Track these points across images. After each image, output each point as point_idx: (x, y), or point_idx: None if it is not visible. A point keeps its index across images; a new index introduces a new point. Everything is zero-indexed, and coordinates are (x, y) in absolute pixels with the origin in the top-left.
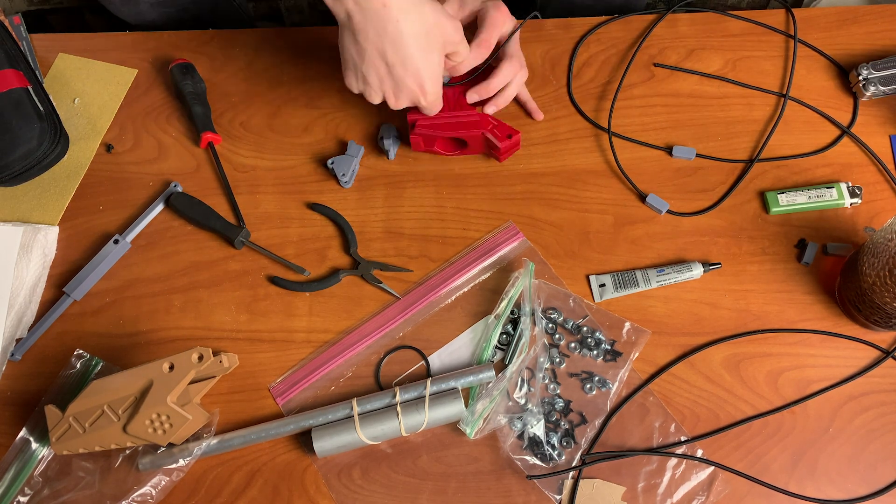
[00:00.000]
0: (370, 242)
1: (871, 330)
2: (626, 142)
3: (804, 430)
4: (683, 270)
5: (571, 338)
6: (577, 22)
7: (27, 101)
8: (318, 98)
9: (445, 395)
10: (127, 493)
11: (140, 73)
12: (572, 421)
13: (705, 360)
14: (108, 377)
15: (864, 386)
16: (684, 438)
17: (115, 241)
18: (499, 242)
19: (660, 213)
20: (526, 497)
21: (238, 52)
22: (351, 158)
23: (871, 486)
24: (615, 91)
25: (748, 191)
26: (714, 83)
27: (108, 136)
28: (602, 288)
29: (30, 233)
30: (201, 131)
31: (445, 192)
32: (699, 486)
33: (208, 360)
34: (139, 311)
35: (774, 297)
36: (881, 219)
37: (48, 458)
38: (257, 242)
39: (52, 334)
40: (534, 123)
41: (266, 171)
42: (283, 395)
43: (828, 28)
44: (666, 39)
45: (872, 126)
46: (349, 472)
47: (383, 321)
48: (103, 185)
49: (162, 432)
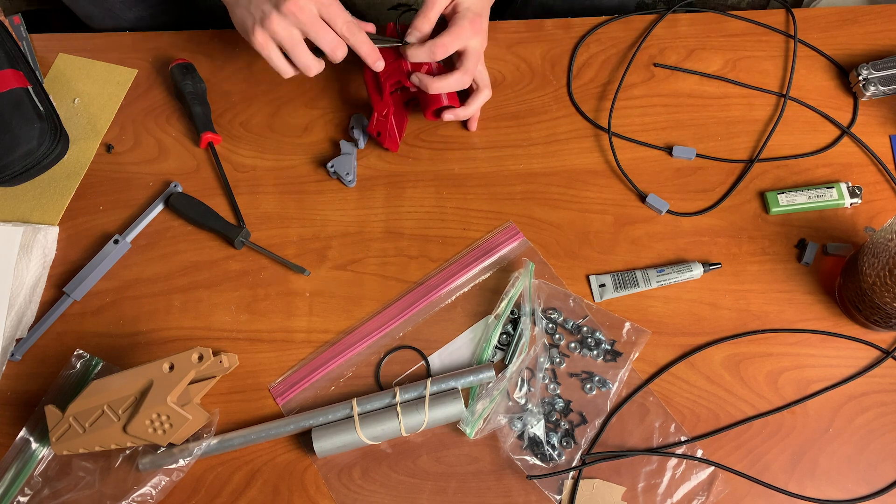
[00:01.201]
0: (370, 242)
1: (871, 330)
2: (626, 142)
3: (804, 430)
4: (683, 270)
5: (571, 338)
6: (577, 22)
7: (27, 101)
8: (318, 98)
9: (445, 395)
10: (127, 493)
11: (140, 73)
12: (572, 421)
13: (705, 360)
14: (108, 377)
15: (864, 386)
16: (684, 438)
17: (115, 241)
18: (499, 242)
19: (660, 213)
20: (526, 497)
21: (238, 52)
22: (348, 156)
23: (872, 486)
24: (615, 91)
25: (748, 191)
26: (714, 83)
27: (108, 136)
28: (602, 288)
29: (30, 233)
30: (201, 131)
31: (445, 192)
32: (699, 486)
33: (208, 360)
34: (139, 311)
35: (774, 297)
36: (881, 219)
37: (48, 458)
38: (257, 242)
39: (52, 334)
40: (534, 124)
41: (266, 171)
42: (283, 396)
43: (828, 28)
44: (666, 39)
45: (872, 126)
46: (349, 472)
47: (383, 321)
48: (103, 185)
49: (162, 432)
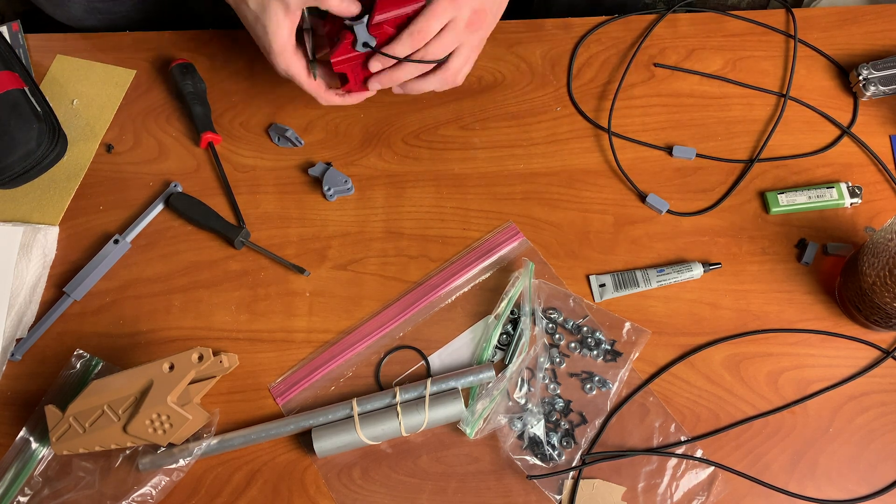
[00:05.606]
0: (370, 242)
1: (871, 330)
2: (626, 142)
3: (804, 430)
4: (683, 270)
5: (571, 338)
6: (577, 22)
7: (24, 102)
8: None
9: (445, 395)
10: (127, 493)
11: (140, 74)
12: (572, 421)
13: (705, 360)
14: (108, 377)
15: (864, 386)
16: (684, 438)
17: (115, 241)
18: (499, 242)
19: (660, 213)
20: (526, 497)
21: (238, 52)
22: (335, 172)
23: (872, 486)
24: (615, 91)
25: (748, 191)
26: (714, 83)
27: (107, 137)
28: (602, 288)
29: (30, 233)
30: (201, 131)
31: (445, 192)
32: (699, 486)
33: (208, 360)
34: (139, 311)
35: (774, 297)
36: (881, 219)
37: (48, 458)
38: (257, 242)
39: (52, 334)
40: (534, 124)
41: (266, 171)
42: (283, 395)
43: (828, 28)
44: (666, 39)
45: (872, 126)
46: (349, 472)
47: (383, 321)
48: (103, 185)
49: (162, 432)
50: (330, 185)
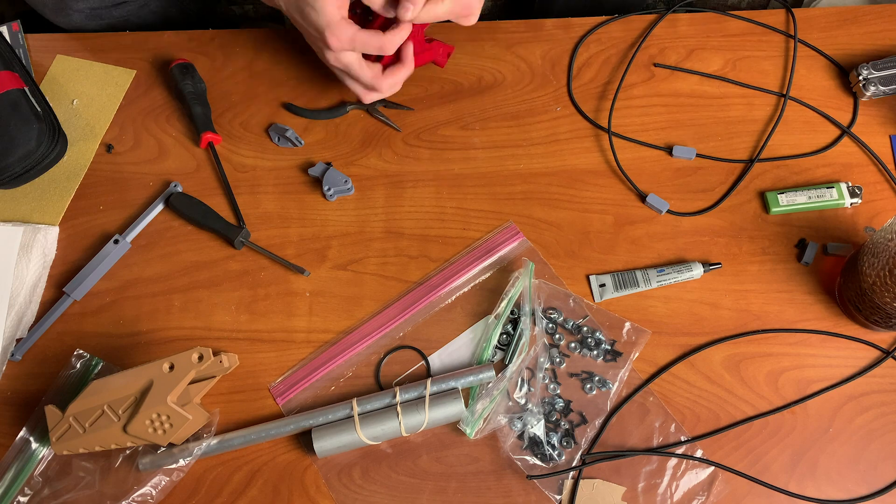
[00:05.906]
0: (370, 242)
1: (871, 330)
2: (626, 142)
3: (804, 430)
4: (683, 270)
5: (571, 338)
6: (577, 22)
7: (24, 102)
8: (318, 98)
9: (445, 395)
10: (127, 493)
11: (140, 74)
12: (572, 421)
13: (705, 360)
14: (108, 377)
15: (864, 386)
16: (684, 438)
17: (115, 241)
18: (499, 242)
19: (660, 213)
20: (526, 497)
21: (238, 52)
22: (335, 172)
23: (872, 486)
24: (615, 91)
25: (748, 191)
26: (714, 83)
27: (107, 137)
28: (602, 288)
29: (30, 233)
30: (201, 131)
31: (445, 192)
32: (699, 486)
33: (208, 360)
34: (139, 311)
35: (774, 297)
36: (881, 219)
37: (48, 458)
38: (257, 242)
39: (52, 334)
40: (534, 124)
41: (266, 171)
42: (283, 395)
43: (828, 28)
44: (666, 39)
45: (872, 126)
46: (349, 472)
47: (383, 321)
48: (103, 185)
49: (162, 432)
50: (330, 185)
